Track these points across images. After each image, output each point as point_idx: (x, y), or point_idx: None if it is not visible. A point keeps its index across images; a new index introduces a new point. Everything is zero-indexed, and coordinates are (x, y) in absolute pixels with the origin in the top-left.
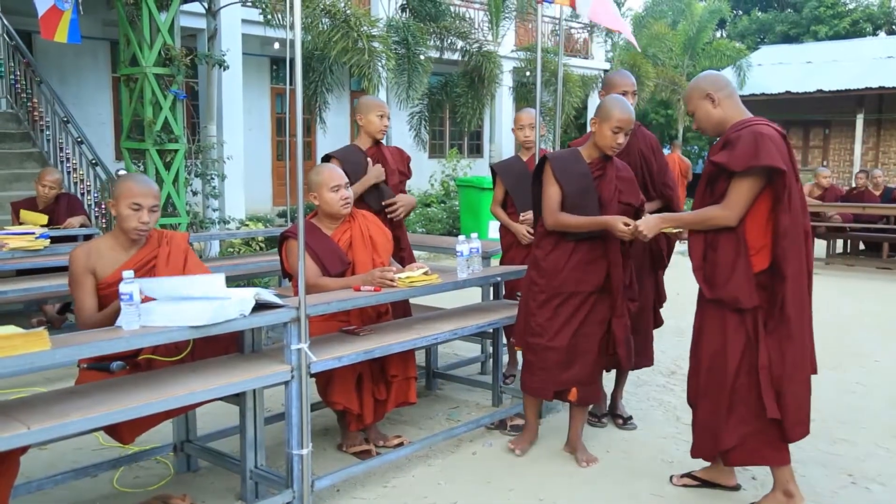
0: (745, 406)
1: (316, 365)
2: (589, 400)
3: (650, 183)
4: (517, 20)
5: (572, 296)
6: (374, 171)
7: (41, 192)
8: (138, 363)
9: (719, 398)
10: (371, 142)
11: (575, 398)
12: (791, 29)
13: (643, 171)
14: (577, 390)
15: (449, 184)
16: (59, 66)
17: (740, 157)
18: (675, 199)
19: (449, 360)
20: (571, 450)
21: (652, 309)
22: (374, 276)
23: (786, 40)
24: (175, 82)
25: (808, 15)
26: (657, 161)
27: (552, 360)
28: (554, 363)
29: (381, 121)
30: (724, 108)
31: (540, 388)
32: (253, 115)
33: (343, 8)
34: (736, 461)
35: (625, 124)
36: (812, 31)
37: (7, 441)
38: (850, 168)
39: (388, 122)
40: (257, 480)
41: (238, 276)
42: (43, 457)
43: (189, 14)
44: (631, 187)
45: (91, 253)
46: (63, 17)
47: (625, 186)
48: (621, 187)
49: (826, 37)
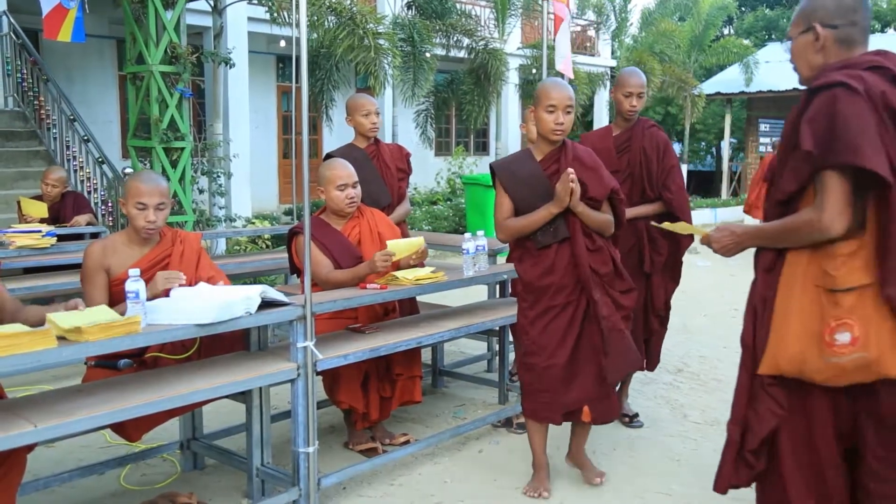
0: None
1: (322, 363)
2: (605, 418)
3: (648, 183)
4: (523, 17)
5: (563, 306)
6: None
7: (46, 190)
8: (145, 361)
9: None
10: (367, 140)
11: (589, 418)
12: None
13: (642, 169)
14: (589, 409)
15: (455, 181)
16: (66, 64)
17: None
18: (673, 203)
19: (455, 358)
20: (577, 465)
21: (643, 314)
22: (375, 261)
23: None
24: (181, 80)
25: None
26: (662, 162)
27: (554, 378)
28: (557, 381)
29: (367, 119)
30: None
31: (546, 413)
32: (259, 113)
33: (349, 5)
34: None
35: (558, 101)
36: None
37: (14, 439)
38: None
39: (376, 118)
40: (263, 478)
41: (244, 274)
42: (50, 454)
43: (195, 12)
44: (596, 177)
45: (106, 249)
46: (68, 16)
47: (588, 177)
48: (584, 178)
49: None
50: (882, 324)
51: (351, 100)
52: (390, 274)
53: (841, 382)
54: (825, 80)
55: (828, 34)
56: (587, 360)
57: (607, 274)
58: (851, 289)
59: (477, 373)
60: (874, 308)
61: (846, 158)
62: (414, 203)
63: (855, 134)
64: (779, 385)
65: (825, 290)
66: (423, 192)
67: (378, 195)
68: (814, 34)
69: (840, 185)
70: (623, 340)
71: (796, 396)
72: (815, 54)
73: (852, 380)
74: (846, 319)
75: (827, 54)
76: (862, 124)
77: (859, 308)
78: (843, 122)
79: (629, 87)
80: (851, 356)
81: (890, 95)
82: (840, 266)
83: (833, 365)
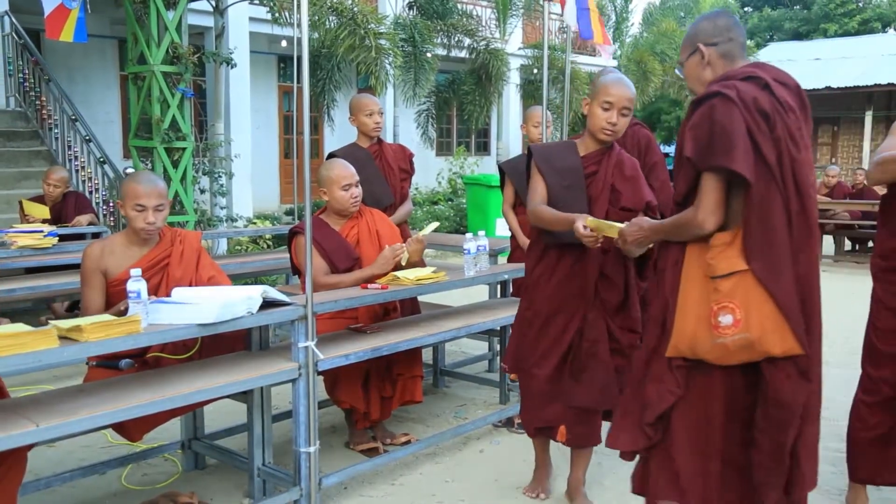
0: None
1: (323, 363)
2: (582, 442)
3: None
4: (524, 18)
5: (557, 316)
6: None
7: (47, 190)
8: (146, 361)
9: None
10: (370, 139)
11: (563, 439)
12: (801, 26)
13: None
14: (565, 429)
15: (456, 181)
16: (67, 64)
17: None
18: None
19: (456, 358)
20: (570, 496)
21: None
22: (385, 256)
23: (795, 38)
24: (183, 80)
25: (818, 12)
26: (644, 159)
27: (535, 389)
28: (537, 393)
29: (370, 119)
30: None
31: (525, 421)
32: (260, 113)
33: (350, 5)
34: None
35: (616, 99)
36: (822, 29)
37: (15, 438)
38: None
39: (379, 118)
40: (265, 478)
41: (245, 274)
42: (51, 454)
43: (197, 12)
44: (633, 188)
45: (105, 250)
46: (70, 16)
47: (625, 186)
48: (620, 187)
49: (836, 35)
50: (762, 306)
51: (354, 99)
52: (391, 274)
53: (729, 361)
54: (706, 92)
55: (711, 51)
56: (573, 381)
57: (611, 302)
58: (728, 275)
59: (478, 373)
60: (753, 292)
61: (719, 161)
62: (415, 203)
63: (727, 139)
64: (685, 367)
65: (708, 277)
66: (424, 192)
67: (381, 195)
68: (700, 54)
69: (714, 185)
70: (601, 372)
71: (698, 377)
72: (703, 71)
73: (739, 359)
74: (725, 303)
75: (714, 69)
76: (734, 130)
77: (740, 292)
78: (720, 129)
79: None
80: (734, 337)
81: (761, 100)
82: (716, 255)
83: (719, 345)
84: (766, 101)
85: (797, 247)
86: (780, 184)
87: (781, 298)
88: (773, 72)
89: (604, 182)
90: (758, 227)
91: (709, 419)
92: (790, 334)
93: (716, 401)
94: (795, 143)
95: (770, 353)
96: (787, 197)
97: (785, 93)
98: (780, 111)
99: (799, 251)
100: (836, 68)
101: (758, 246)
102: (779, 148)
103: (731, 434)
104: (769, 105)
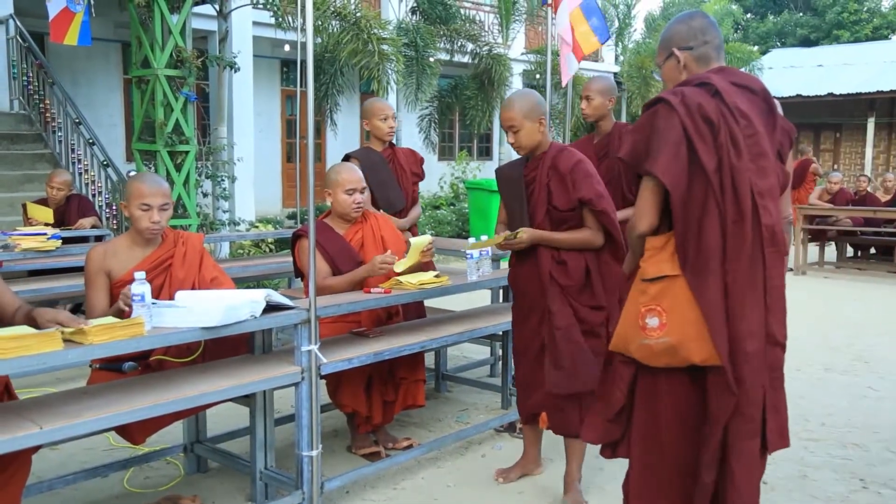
0: None
1: (326, 367)
2: (560, 430)
3: (626, 186)
4: (527, 23)
5: (530, 310)
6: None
7: (51, 193)
8: (150, 364)
9: None
10: (383, 143)
11: (545, 425)
12: (812, 33)
13: (619, 174)
14: (546, 416)
15: (458, 186)
16: (71, 67)
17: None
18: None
19: (458, 363)
20: (564, 490)
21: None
22: (375, 264)
23: (805, 44)
24: (186, 84)
25: (831, 20)
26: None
27: (520, 376)
28: (521, 381)
29: (385, 124)
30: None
31: (518, 407)
32: (263, 117)
33: (353, 10)
34: None
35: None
36: (834, 36)
37: (19, 441)
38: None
39: (393, 122)
40: (267, 482)
41: (248, 278)
42: (54, 457)
43: (200, 16)
44: (561, 185)
45: (108, 252)
46: (74, 19)
47: (557, 186)
48: (553, 187)
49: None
50: (686, 313)
51: (368, 104)
52: (394, 278)
53: (654, 363)
54: (654, 98)
55: (686, 55)
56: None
57: (571, 286)
58: (656, 278)
59: (480, 377)
60: (680, 297)
61: (645, 165)
62: None
63: (660, 146)
64: (633, 365)
65: (641, 279)
66: (426, 196)
67: (394, 198)
68: (675, 58)
69: (648, 189)
70: (578, 353)
71: (646, 377)
72: (679, 75)
73: (664, 362)
74: (652, 305)
75: (689, 72)
76: (668, 136)
77: (667, 297)
78: (656, 135)
79: (585, 91)
80: (658, 340)
81: (706, 107)
82: (648, 258)
83: (645, 346)
84: (711, 108)
85: (731, 255)
86: (718, 191)
87: (705, 306)
88: (735, 76)
89: (540, 185)
90: (689, 234)
91: (655, 418)
92: (710, 343)
93: (659, 401)
94: (738, 150)
95: (690, 360)
96: (724, 205)
97: (742, 98)
98: (729, 118)
99: (733, 260)
100: (838, 75)
101: (688, 252)
102: (720, 155)
103: (680, 435)
104: (715, 112)
